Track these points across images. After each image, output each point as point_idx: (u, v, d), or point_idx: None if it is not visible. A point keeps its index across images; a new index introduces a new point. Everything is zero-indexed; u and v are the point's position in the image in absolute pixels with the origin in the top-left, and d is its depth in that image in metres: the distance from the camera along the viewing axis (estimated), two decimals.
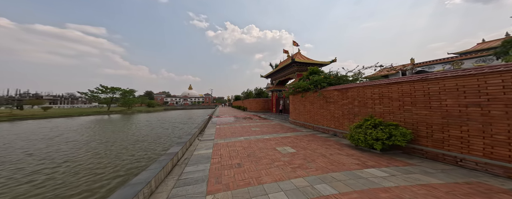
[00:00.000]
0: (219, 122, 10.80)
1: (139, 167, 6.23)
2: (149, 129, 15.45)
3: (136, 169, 6.05)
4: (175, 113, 39.64)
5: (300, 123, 8.26)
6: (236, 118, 13.21)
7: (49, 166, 6.29)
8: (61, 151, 8.39)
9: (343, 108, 5.06)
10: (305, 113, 7.83)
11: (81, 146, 9.38)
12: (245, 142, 5.14)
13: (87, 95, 40.95)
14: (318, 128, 6.64)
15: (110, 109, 42.18)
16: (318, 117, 6.61)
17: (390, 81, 3.43)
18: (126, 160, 6.95)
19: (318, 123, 6.66)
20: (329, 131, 5.85)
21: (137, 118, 25.84)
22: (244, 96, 28.90)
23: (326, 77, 6.75)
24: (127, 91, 46.81)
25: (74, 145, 9.61)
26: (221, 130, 7.69)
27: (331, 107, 5.68)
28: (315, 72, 8.46)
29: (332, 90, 5.65)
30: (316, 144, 4.52)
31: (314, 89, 6.59)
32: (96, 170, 5.90)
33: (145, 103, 64.30)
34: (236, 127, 8.41)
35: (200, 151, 4.24)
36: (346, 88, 4.87)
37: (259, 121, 11.07)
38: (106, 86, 41.85)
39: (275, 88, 18.49)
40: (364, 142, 3.27)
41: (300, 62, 13.30)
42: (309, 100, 7.41)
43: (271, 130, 7.23)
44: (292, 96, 9.39)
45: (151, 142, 10.36)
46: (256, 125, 9.17)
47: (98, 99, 41.39)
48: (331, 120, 5.72)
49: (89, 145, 9.68)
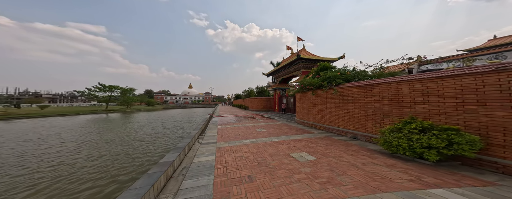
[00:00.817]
0: (220, 122, 10.11)
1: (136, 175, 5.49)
2: (148, 128, 14.63)
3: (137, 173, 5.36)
4: (175, 112, 38.64)
5: (309, 123, 7.56)
6: (238, 118, 12.52)
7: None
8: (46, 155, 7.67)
9: (366, 108, 4.36)
10: (315, 112, 7.12)
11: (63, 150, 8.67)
12: (252, 146, 4.46)
13: (84, 94, 40.05)
14: (332, 130, 5.94)
15: (108, 108, 41.29)
16: (332, 117, 5.91)
17: (441, 74, 2.73)
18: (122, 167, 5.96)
19: (332, 124, 5.96)
20: (347, 133, 5.15)
21: (136, 117, 24.99)
22: (245, 94, 28.19)
23: (341, 73, 6.04)
24: (126, 90, 45.95)
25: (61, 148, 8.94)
26: (224, 131, 7.00)
27: (350, 106, 4.98)
28: (326, 67, 7.74)
29: (351, 87, 4.93)
30: (337, 149, 3.83)
31: (328, 86, 5.87)
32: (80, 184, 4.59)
33: (145, 102, 63.28)
34: (240, 128, 7.72)
35: (201, 158, 3.56)
36: (371, 85, 4.16)
37: (263, 121, 10.39)
38: (103, 84, 40.88)
39: (278, 86, 17.77)
40: (409, 150, 2.58)
41: (306, 59, 12.56)
42: (320, 99, 6.70)
43: (278, 132, 6.54)
44: (299, 94, 8.68)
45: (150, 143, 9.65)
46: (260, 125, 8.48)
47: (95, 97, 40.48)
48: (350, 121, 5.02)
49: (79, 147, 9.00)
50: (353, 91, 4.86)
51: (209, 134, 6.29)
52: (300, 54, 12.17)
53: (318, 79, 6.60)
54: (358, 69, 5.63)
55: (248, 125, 8.74)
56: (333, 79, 5.92)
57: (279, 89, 18.10)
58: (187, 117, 24.87)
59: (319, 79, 6.56)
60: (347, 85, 5.16)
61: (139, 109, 44.94)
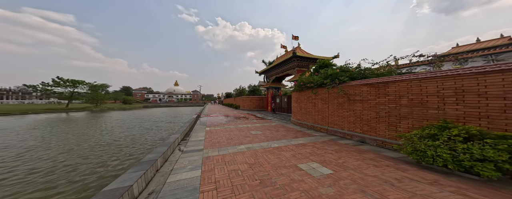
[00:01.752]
0: (209, 123, 9.11)
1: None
2: (121, 130, 11.69)
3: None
4: (157, 111, 34.48)
5: (308, 124, 7.04)
6: (229, 118, 11.61)
7: None
8: None
9: (378, 108, 3.88)
10: (315, 113, 6.61)
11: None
12: (249, 154, 3.69)
13: (38, 89, 32.78)
14: (334, 132, 5.45)
15: (71, 105, 35.86)
16: (335, 118, 5.42)
17: (483, 69, 2.28)
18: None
19: (334, 125, 5.47)
20: (353, 136, 4.67)
21: (106, 117, 21.31)
22: (237, 93, 27.18)
23: (344, 70, 5.57)
24: (96, 86, 40.27)
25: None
26: (213, 134, 6.08)
27: (357, 107, 4.50)
28: (326, 64, 7.27)
29: (359, 86, 4.45)
30: (352, 157, 3.26)
31: (331, 84, 5.35)
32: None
33: (121, 100, 57.35)
34: (232, 130, 6.87)
35: (179, 175, 2.68)
36: (385, 83, 3.68)
37: (257, 121, 9.67)
38: (63, 78, 34.41)
39: (271, 85, 17.20)
40: (452, 162, 2.08)
41: (302, 57, 12.13)
42: (321, 98, 6.18)
43: (276, 134, 5.86)
44: (297, 93, 8.13)
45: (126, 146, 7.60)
46: (255, 126, 7.73)
47: (53, 93, 33.93)
48: (356, 123, 4.54)
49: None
50: (361, 90, 4.37)
51: (195, 139, 5.33)
52: (296, 52, 11.69)
53: (319, 76, 6.06)
54: (363, 67, 5.19)
55: (241, 126, 7.92)
56: (336, 76, 5.42)
57: (272, 88, 17.54)
58: (171, 116, 22.48)
59: (320, 77, 6.03)
60: (353, 83, 4.67)
61: (111, 108, 39.35)
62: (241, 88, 26.88)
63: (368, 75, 4.91)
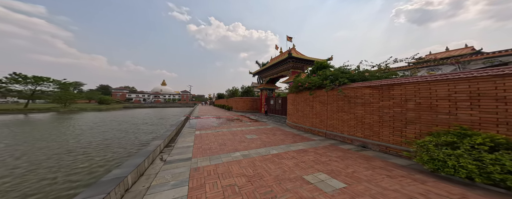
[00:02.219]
0: (199, 126, 8.47)
1: None
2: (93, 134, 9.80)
3: None
4: (141, 112, 30.98)
5: (305, 128, 6.79)
6: (221, 120, 11.02)
7: None
8: None
9: (381, 112, 3.71)
10: (312, 116, 6.38)
11: None
12: (246, 163, 3.26)
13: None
14: (333, 136, 5.24)
15: (33, 106, 31.43)
16: (334, 122, 5.22)
17: (502, 71, 2.15)
18: None
19: (333, 129, 5.26)
20: (354, 141, 4.48)
21: (74, 119, 18.09)
22: (229, 94, 26.50)
23: (343, 72, 5.42)
24: (66, 84, 35.30)
25: None
26: (203, 139, 5.53)
27: (358, 110, 4.32)
28: (324, 66, 7.14)
29: (360, 88, 4.27)
30: (360, 166, 3.00)
31: (331, 86, 5.15)
32: None
33: (96, 99, 51.85)
34: (225, 134, 6.37)
35: (158, 196, 2.16)
36: (390, 85, 3.52)
37: (252, 123, 9.24)
38: (21, 74, 29.38)
39: (265, 86, 16.93)
40: (479, 174, 1.88)
41: (297, 58, 12.03)
42: (319, 100, 5.97)
43: (273, 139, 5.50)
44: (293, 94, 7.89)
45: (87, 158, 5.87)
46: (250, 130, 7.30)
47: (8, 91, 28.95)
48: (357, 127, 4.35)
49: None
50: (363, 92, 4.20)
51: (181, 145, 4.74)
52: (292, 53, 11.56)
53: (318, 77, 5.86)
54: (363, 68, 5.07)
55: (234, 129, 7.43)
56: (336, 78, 5.25)
57: (266, 89, 17.28)
58: (157, 118, 20.63)
59: (319, 78, 5.83)
60: (354, 85, 4.50)
61: (83, 109, 35.04)
62: (234, 89, 26.28)
63: (368, 77, 4.79)
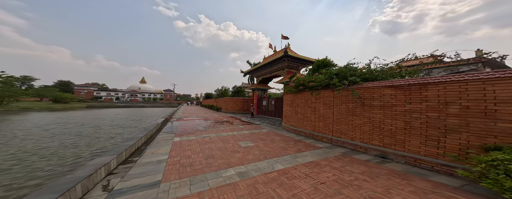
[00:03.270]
0: (181, 130, 7.17)
1: None
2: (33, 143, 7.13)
3: None
4: (108, 112, 25.97)
5: (306, 132, 6.05)
6: (208, 122, 9.79)
7: None
8: None
9: (408, 117, 3.08)
10: (315, 119, 5.66)
11: None
12: (244, 188, 2.32)
13: None
14: (341, 143, 4.55)
15: None
16: (343, 126, 4.54)
17: None
18: None
19: (341, 135, 4.58)
20: (369, 149, 3.82)
21: (10, 122, 13.73)
22: (218, 94, 25.03)
23: (352, 70, 4.79)
24: (8, 78, 28.34)
25: None
26: (184, 148, 4.38)
27: (375, 114, 3.67)
28: (326, 64, 6.52)
29: (378, 88, 3.64)
30: (403, 188, 2.26)
31: (341, 86, 4.47)
32: None
33: (51, 97, 44.19)
34: (213, 141, 5.27)
35: None
36: (423, 84, 2.90)
37: (244, 127, 8.25)
38: None
39: (257, 86, 16.06)
40: None
41: (293, 57, 11.41)
42: (324, 102, 5.28)
43: (273, 147, 4.60)
44: (292, 95, 7.13)
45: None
46: (243, 135, 6.30)
47: None
48: (374, 133, 3.71)
49: None
50: (382, 93, 3.57)
51: (149, 159, 3.52)
52: (287, 51, 10.90)
53: (324, 75, 5.16)
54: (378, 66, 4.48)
55: (225, 134, 6.36)
56: (344, 76, 4.59)
57: (258, 90, 16.41)
58: (129, 120, 17.46)
59: (324, 76, 5.13)
60: (370, 85, 3.86)
61: (29, 108, 28.99)
62: (223, 89, 24.89)
63: (384, 76, 4.21)
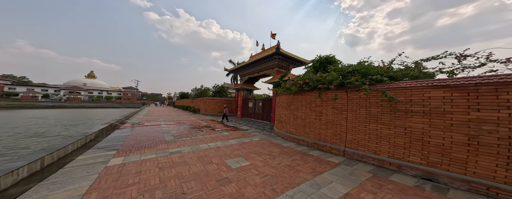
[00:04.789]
0: (131, 142, 4.91)
1: None
2: None
3: None
4: (27, 114, 18.99)
5: (309, 141, 4.97)
6: (182, 128, 7.70)
7: None
8: None
9: (476, 129, 2.27)
10: (321, 126, 4.64)
11: None
12: None
13: None
14: (360, 157, 3.61)
15: None
16: (361, 136, 3.61)
17: None
18: None
19: (359, 147, 3.64)
20: (403, 168, 2.93)
21: None
22: (196, 93, 22.21)
23: (365, 67, 3.97)
24: None
25: None
26: (124, 180, 2.52)
27: (415, 123, 2.82)
28: (330, 61, 5.68)
29: (421, 89, 2.80)
30: None
31: (364, 86, 3.53)
32: None
33: None
34: (185, 160, 3.54)
35: None
36: (502, 84, 2.11)
37: (230, 133, 6.63)
38: None
39: (243, 86, 14.57)
40: None
41: (285, 55, 10.50)
42: (333, 105, 4.31)
43: (276, 166, 3.27)
44: (288, 96, 6.01)
45: None
46: (230, 146, 4.73)
47: None
48: (413, 147, 2.84)
49: None
50: (427, 95, 2.73)
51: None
52: (279, 48, 9.90)
53: (337, 72, 4.19)
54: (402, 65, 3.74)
55: (204, 147, 4.64)
56: (365, 74, 3.71)
57: (244, 90, 14.92)
58: (60, 126, 12.25)
59: (336, 73, 4.16)
60: (405, 84, 3.01)
61: None
62: (203, 88, 22.24)
63: (417, 75, 3.47)
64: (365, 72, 3.75)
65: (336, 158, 3.95)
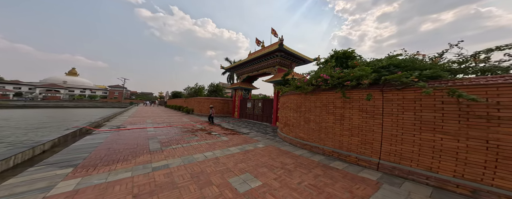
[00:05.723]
0: (100, 153, 3.75)
1: None
2: None
3: None
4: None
5: (325, 149, 4.10)
6: (173, 131, 6.54)
7: None
8: None
9: None
10: (342, 132, 3.80)
11: None
12: None
13: None
14: (405, 173, 2.80)
15: None
16: (407, 147, 2.80)
17: None
18: None
19: (401, 160, 2.83)
20: (483, 193, 2.11)
21: None
22: (190, 93, 20.83)
23: (407, 61, 3.18)
24: None
25: None
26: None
27: (505, 134, 1.99)
28: (347, 55, 4.88)
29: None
30: None
31: (409, 82, 2.71)
32: None
33: None
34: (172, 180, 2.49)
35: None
36: None
37: (229, 139, 5.60)
38: None
39: (241, 85, 13.56)
40: None
41: (287, 52, 9.67)
42: (360, 107, 3.50)
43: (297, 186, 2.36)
44: (297, 96, 5.14)
45: None
46: (232, 156, 3.72)
47: None
48: (499, 167, 2.03)
49: None
50: None
51: None
52: (282, 44, 9.04)
53: (372, 67, 3.35)
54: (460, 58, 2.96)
55: (200, 158, 3.61)
56: (411, 68, 2.90)
57: (241, 89, 13.91)
58: (23, 129, 10.58)
59: (370, 68, 3.32)
60: (485, 81, 2.21)
61: None
62: (197, 87, 20.91)
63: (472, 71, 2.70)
64: (407, 66, 2.94)
65: (368, 172, 3.09)
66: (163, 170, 2.95)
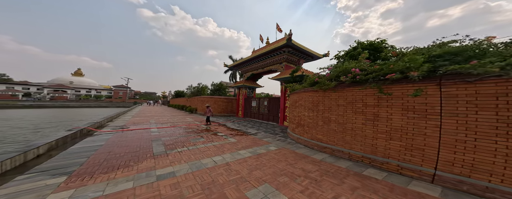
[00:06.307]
0: (100, 156, 3.24)
1: None
2: None
3: None
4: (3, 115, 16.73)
5: (352, 154, 3.55)
6: (177, 132, 6.06)
7: None
8: None
9: None
10: (374, 135, 3.24)
11: None
12: None
13: None
14: (477, 189, 2.22)
15: None
16: (484, 157, 2.22)
17: None
18: None
19: (473, 173, 2.26)
20: None
21: None
22: (193, 92, 20.43)
23: (473, 47, 2.57)
24: None
25: None
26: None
27: None
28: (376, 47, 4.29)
29: None
30: None
31: (492, 71, 2.11)
32: None
33: None
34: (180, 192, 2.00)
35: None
36: None
37: (237, 140, 5.07)
38: None
39: (245, 83, 13.04)
40: None
41: (296, 48, 9.09)
42: (403, 106, 2.91)
43: None
44: (313, 93, 4.58)
45: None
46: (244, 161, 3.18)
47: None
48: None
49: None
50: None
51: None
52: (291, 39, 8.47)
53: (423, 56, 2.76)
54: None
55: (209, 163, 3.08)
56: (468, 58, 2.33)
57: (246, 88, 13.39)
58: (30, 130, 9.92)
59: (422, 57, 2.73)
60: None
61: None
62: (200, 86, 20.49)
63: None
64: (472, 55, 2.35)
65: (422, 185, 2.52)
66: (169, 180, 2.47)
